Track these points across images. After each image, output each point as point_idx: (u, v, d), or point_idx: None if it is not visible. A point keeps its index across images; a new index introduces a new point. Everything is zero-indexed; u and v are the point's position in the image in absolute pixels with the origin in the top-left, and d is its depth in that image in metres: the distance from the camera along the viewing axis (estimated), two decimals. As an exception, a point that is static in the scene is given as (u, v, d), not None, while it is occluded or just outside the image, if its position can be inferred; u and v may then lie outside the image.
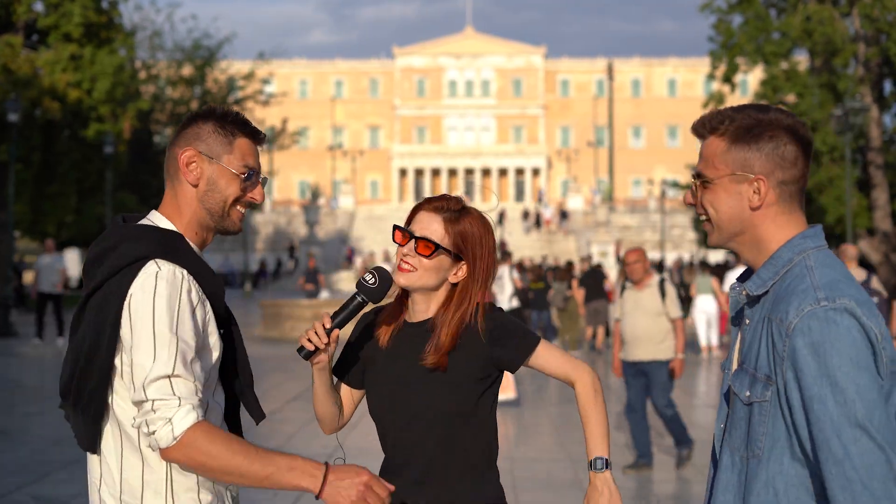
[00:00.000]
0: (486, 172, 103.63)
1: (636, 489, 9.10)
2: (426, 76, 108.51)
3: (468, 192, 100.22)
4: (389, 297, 3.12)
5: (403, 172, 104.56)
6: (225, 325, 2.77)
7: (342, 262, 59.97)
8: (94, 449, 2.67)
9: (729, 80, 36.91)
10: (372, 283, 2.95)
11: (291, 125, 71.84)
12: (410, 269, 3.03)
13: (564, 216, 69.13)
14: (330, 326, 2.93)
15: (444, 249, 3.04)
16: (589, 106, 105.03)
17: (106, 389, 2.60)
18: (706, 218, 2.45)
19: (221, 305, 2.73)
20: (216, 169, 2.74)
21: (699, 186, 2.44)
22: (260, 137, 2.83)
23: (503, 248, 45.33)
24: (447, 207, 3.07)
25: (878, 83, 36.51)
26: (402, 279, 3.04)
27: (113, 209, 40.73)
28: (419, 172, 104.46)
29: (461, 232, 3.05)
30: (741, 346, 2.42)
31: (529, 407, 13.99)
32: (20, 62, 33.57)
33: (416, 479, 3.01)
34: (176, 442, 2.49)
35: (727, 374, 2.47)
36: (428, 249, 3.02)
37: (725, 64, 37.23)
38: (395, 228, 3.10)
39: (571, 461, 10.18)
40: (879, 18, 33.51)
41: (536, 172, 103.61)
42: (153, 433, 2.50)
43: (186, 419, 2.49)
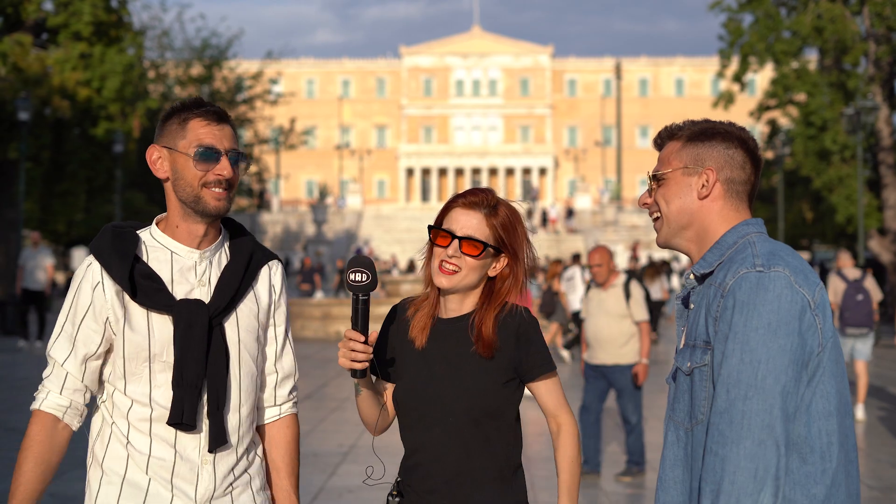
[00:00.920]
0: (493, 172, 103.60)
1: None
2: (433, 76, 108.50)
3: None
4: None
5: (410, 172, 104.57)
6: (172, 313, 2.77)
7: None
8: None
9: (739, 79, 36.85)
10: (365, 280, 2.87)
11: (298, 125, 71.82)
12: (455, 269, 2.96)
13: (570, 214, 69.04)
14: (364, 338, 2.85)
15: (490, 247, 2.98)
16: (596, 105, 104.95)
17: None
18: (658, 216, 2.57)
19: (129, 290, 2.74)
20: (175, 157, 2.79)
21: (654, 186, 2.58)
22: (214, 113, 2.80)
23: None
24: (485, 203, 3.01)
25: (888, 82, 36.40)
26: (444, 281, 2.98)
27: (122, 208, 40.79)
28: (426, 172, 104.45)
29: (501, 225, 3.00)
30: (687, 329, 2.50)
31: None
32: (30, 61, 33.61)
33: (444, 478, 2.96)
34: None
35: (674, 360, 2.55)
36: (476, 249, 2.96)
37: (735, 63, 37.16)
38: (430, 229, 3.02)
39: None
40: (890, 17, 33.41)
41: (543, 172, 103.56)
42: None
43: (35, 402, 2.83)
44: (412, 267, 45.31)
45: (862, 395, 13.15)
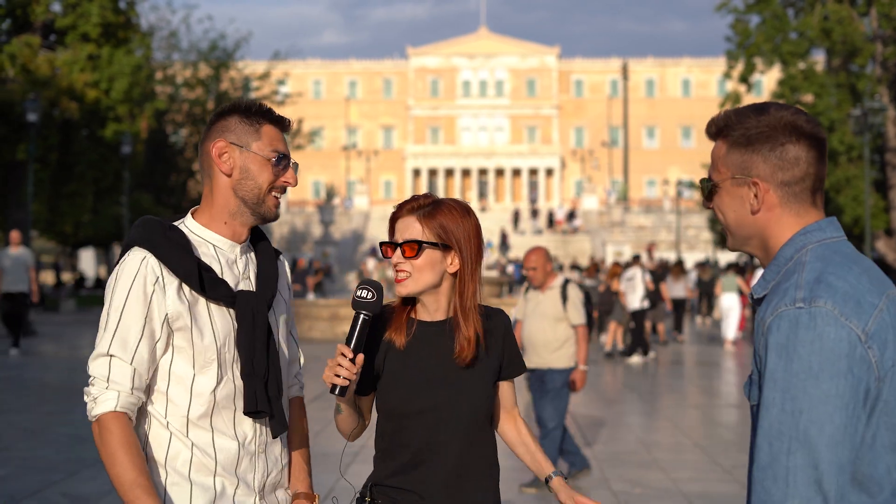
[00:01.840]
0: (499, 173, 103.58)
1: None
2: (440, 76, 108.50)
3: (482, 192, 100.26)
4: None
5: (417, 172, 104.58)
6: (240, 318, 2.81)
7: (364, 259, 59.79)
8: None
9: (746, 80, 36.85)
10: (370, 297, 2.92)
11: (305, 125, 71.87)
12: (405, 275, 3.03)
13: (572, 216, 69.00)
14: (352, 355, 2.88)
15: (427, 244, 3.04)
16: (603, 106, 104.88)
17: None
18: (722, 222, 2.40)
19: (196, 285, 2.74)
20: (247, 157, 2.82)
21: (711, 190, 2.39)
22: (285, 124, 2.89)
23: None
24: (419, 205, 3.08)
25: (895, 83, 36.38)
26: (401, 289, 3.05)
27: (130, 209, 40.88)
28: (433, 172, 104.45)
29: (439, 223, 3.05)
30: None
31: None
32: (38, 62, 33.72)
33: (442, 479, 3.01)
34: (93, 420, 2.70)
35: None
36: (412, 250, 3.03)
37: (742, 64, 37.15)
38: (381, 245, 3.11)
39: (597, 460, 10.18)
40: (897, 18, 33.38)
41: (550, 173, 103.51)
42: (87, 403, 2.72)
43: (105, 404, 2.67)
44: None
45: None
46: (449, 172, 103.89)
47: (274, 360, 2.87)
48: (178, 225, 2.86)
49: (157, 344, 2.74)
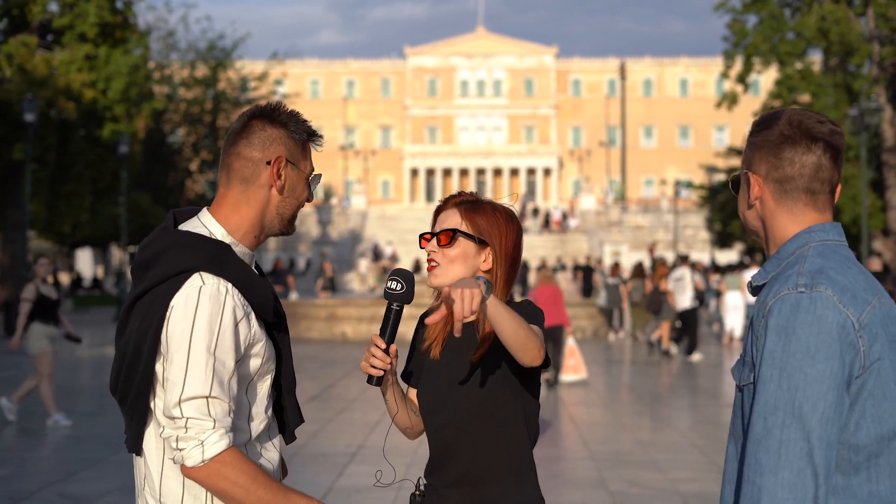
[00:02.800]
0: (497, 172, 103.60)
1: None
2: (438, 76, 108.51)
3: (480, 192, 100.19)
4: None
5: (415, 172, 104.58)
6: (274, 330, 2.77)
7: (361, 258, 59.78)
8: (137, 451, 2.69)
9: (743, 80, 36.89)
10: (399, 289, 2.90)
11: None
12: (436, 264, 3.03)
13: (564, 218, 68.98)
14: (385, 346, 2.89)
15: (462, 234, 3.03)
16: (600, 106, 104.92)
17: (148, 395, 2.62)
18: None
19: (269, 313, 2.71)
20: (296, 175, 2.76)
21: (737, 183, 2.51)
22: (319, 142, 2.86)
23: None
24: (463, 200, 3.10)
25: (892, 83, 36.42)
26: (431, 279, 3.04)
27: (127, 209, 40.85)
28: (430, 172, 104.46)
29: (479, 218, 3.05)
30: (745, 342, 2.45)
31: (549, 406, 14.01)
32: (36, 62, 33.71)
33: (454, 479, 3.02)
34: (203, 465, 2.52)
35: None
36: (447, 238, 3.02)
37: (740, 64, 37.20)
38: (420, 237, 3.10)
39: (594, 460, 10.20)
40: (894, 18, 33.44)
41: (548, 172, 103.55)
42: (182, 450, 2.53)
43: (219, 444, 2.52)
44: (418, 267, 45.36)
45: None
46: (447, 172, 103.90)
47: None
48: (203, 230, 2.70)
49: (238, 373, 2.65)
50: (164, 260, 2.60)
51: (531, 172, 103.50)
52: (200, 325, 2.52)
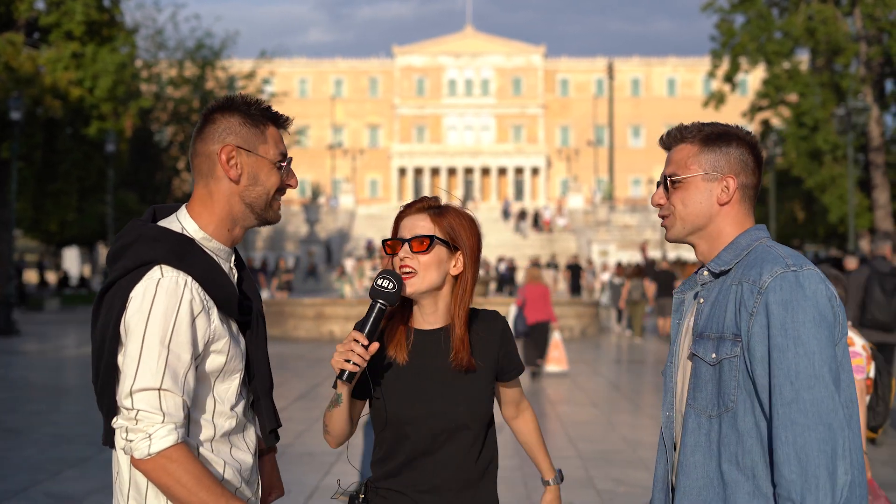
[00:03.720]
0: (485, 172, 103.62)
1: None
2: (426, 75, 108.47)
3: (468, 191, 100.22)
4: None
5: (403, 171, 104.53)
6: (248, 328, 2.76)
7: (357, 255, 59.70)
8: (110, 443, 2.68)
9: (730, 79, 36.94)
10: (390, 287, 2.89)
11: (292, 125, 71.70)
12: (411, 271, 2.98)
13: (536, 221, 68.94)
14: (367, 342, 2.85)
15: (438, 240, 3.01)
16: (588, 105, 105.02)
17: (114, 387, 2.61)
18: (667, 214, 2.75)
19: (234, 310, 2.68)
20: (255, 161, 2.72)
21: (671, 187, 2.73)
22: (286, 123, 2.81)
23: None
24: (429, 205, 3.07)
25: (878, 82, 36.52)
26: (406, 287, 2.99)
27: (114, 207, 40.74)
28: (419, 171, 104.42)
29: (449, 222, 3.04)
30: (698, 322, 2.67)
31: (535, 406, 14.00)
32: (22, 60, 33.55)
33: (436, 483, 3.00)
34: (150, 458, 2.51)
35: (675, 359, 2.76)
36: (423, 244, 2.99)
37: (727, 63, 37.25)
38: (383, 244, 3.05)
39: (582, 459, 10.19)
40: (881, 18, 33.52)
41: (536, 172, 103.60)
42: (130, 442, 2.52)
43: (167, 439, 2.50)
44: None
45: None
46: (435, 171, 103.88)
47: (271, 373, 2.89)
48: (176, 226, 2.70)
49: (198, 370, 2.63)
50: (129, 252, 2.60)
51: (519, 172, 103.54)
52: (156, 317, 2.51)
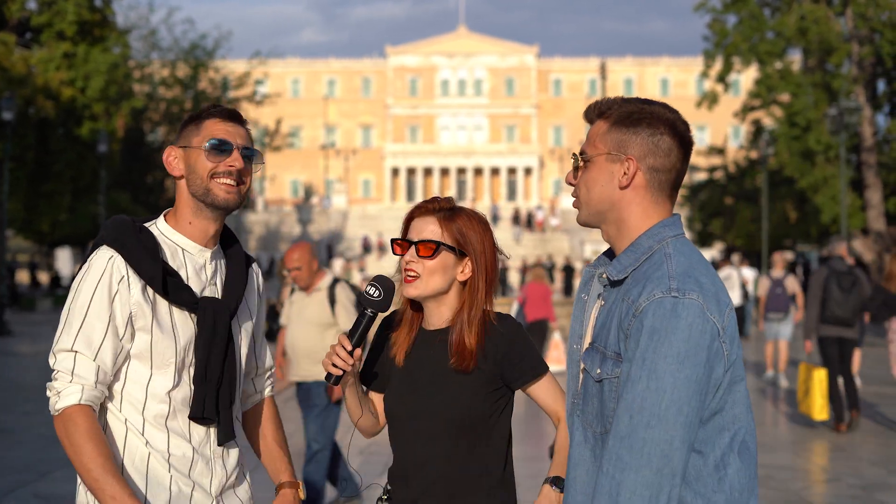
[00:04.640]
0: (478, 172, 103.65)
1: None
2: (419, 75, 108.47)
3: (461, 191, 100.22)
4: (395, 304, 3.07)
5: (396, 172, 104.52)
6: (201, 319, 2.83)
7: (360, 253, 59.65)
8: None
9: (723, 79, 36.98)
10: (377, 295, 2.90)
11: (284, 124, 71.65)
12: (415, 275, 2.96)
13: (529, 221, 68.93)
14: (351, 347, 2.87)
15: (445, 246, 2.97)
16: (581, 105, 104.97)
17: None
18: (577, 196, 2.51)
19: (158, 289, 2.76)
20: (190, 153, 2.86)
21: (581, 165, 2.49)
22: (230, 115, 2.90)
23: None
24: (439, 207, 3.03)
25: (870, 83, 36.58)
26: (410, 290, 2.97)
27: (107, 207, 40.66)
28: (411, 172, 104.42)
29: (459, 228, 3.00)
30: (595, 325, 2.46)
31: (528, 405, 13.98)
32: (14, 60, 33.49)
33: (422, 488, 2.96)
34: (56, 414, 2.71)
35: (576, 348, 2.52)
36: (429, 250, 2.96)
37: (720, 63, 37.29)
38: (392, 242, 3.03)
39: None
40: (873, 18, 33.57)
41: (529, 172, 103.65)
42: (49, 397, 2.74)
43: (69, 398, 2.69)
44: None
45: (782, 365, 16.66)
46: (428, 171, 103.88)
47: (230, 368, 2.88)
48: (149, 227, 2.87)
49: (120, 342, 2.75)
50: (95, 241, 2.88)
51: (512, 172, 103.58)
52: (83, 287, 2.75)
